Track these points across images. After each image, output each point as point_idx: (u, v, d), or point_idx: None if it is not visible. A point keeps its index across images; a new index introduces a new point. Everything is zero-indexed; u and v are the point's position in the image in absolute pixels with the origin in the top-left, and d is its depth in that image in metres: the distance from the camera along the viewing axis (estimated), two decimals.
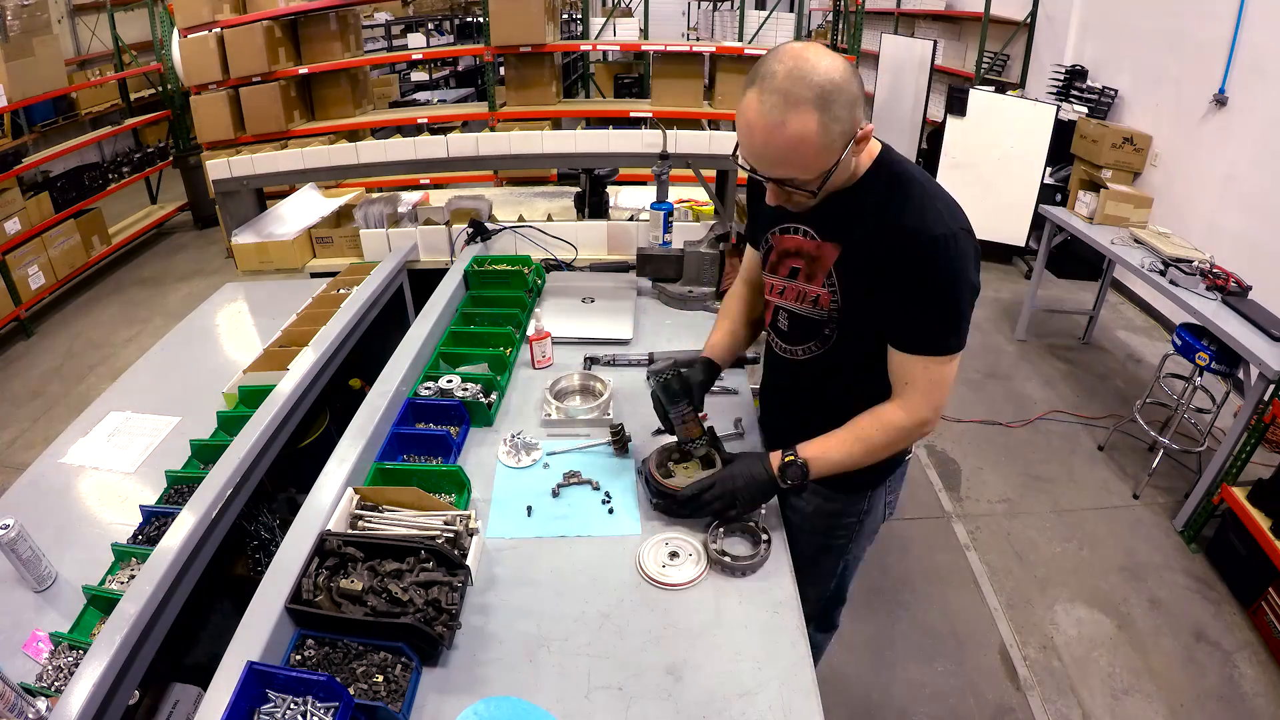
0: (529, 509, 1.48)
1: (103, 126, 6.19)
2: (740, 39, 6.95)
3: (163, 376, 2.17)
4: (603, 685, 1.12)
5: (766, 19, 6.72)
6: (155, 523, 1.52)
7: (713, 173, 2.79)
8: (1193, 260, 3.15)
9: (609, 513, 1.46)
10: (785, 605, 1.25)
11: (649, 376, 1.46)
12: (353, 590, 1.16)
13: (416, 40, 7.19)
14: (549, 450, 1.64)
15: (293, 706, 1.03)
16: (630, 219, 2.84)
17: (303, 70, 5.20)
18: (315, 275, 2.79)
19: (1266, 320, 2.70)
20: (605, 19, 6.23)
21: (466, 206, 2.90)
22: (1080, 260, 4.95)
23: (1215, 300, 2.92)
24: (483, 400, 1.76)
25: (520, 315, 2.13)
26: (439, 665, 1.16)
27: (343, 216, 3.05)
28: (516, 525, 1.44)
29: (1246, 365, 2.71)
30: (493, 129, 5.21)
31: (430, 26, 8.09)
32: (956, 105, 5.06)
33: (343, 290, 2.42)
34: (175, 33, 5.13)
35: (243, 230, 2.88)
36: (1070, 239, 4.00)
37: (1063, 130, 4.91)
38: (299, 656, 1.13)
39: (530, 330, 1.93)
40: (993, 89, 5.56)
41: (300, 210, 3.07)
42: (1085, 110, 5.10)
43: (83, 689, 1.04)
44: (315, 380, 1.96)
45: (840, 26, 7.10)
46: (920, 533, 2.93)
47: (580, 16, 6.29)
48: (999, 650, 2.43)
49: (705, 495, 1.35)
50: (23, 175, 4.86)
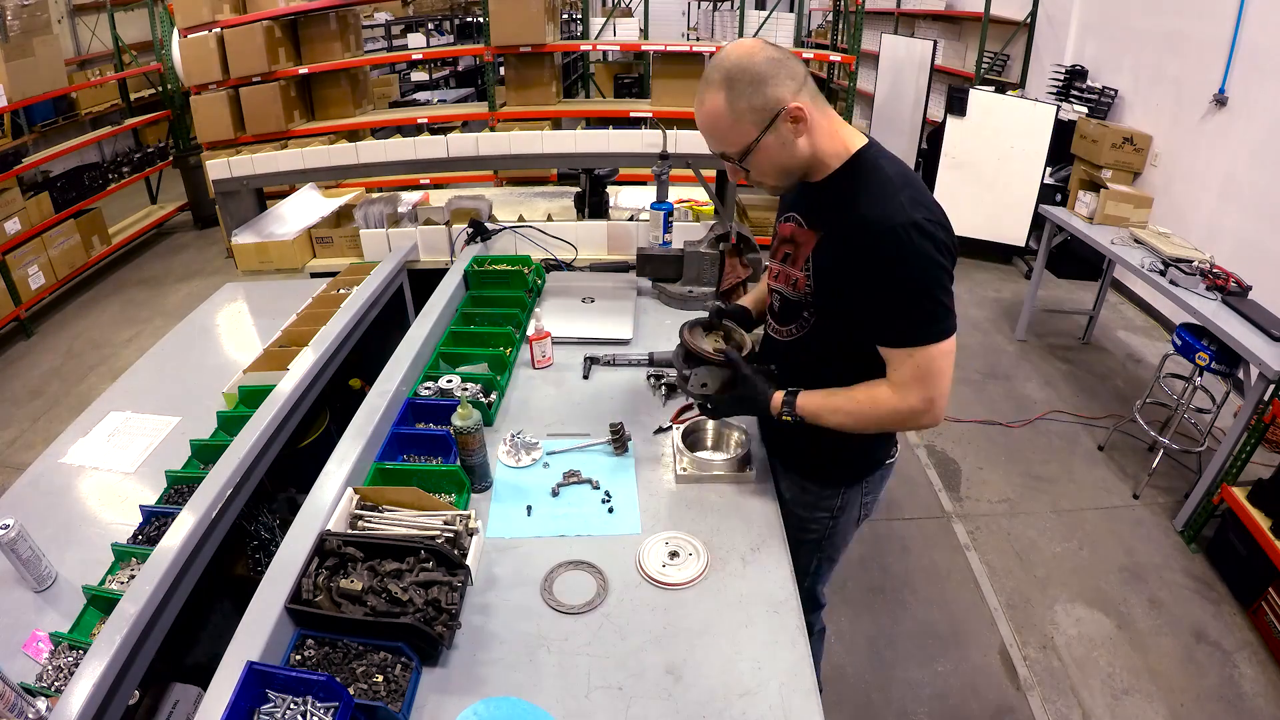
0: (529, 509, 1.48)
1: (103, 126, 6.19)
2: (740, 38, 6.94)
3: (163, 376, 2.17)
4: (603, 685, 1.12)
5: (766, 19, 6.72)
6: (155, 523, 1.52)
7: (713, 173, 2.79)
8: (1193, 260, 3.15)
9: (609, 512, 1.46)
10: (785, 605, 1.25)
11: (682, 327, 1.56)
12: (353, 590, 1.16)
13: (416, 40, 7.19)
14: (549, 450, 1.64)
15: (293, 706, 1.03)
16: (630, 219, 2.84)
17: (303, 70, 5.20)
18: (315, 275, 2.79)
19: (1266, 320, 2.70)
20: (605, 19, 6.23)
21: (466, 206, 2.90)
22: (1080, 260, 4.95)
23: (1215, 300, 2.92)
24: (483, 400, 1.76)
25: (520, 315, 2.13)
26: (439, 665, 1.16)
27: (343, 216, 3.05)
28: (516, 525, 1.44)
29: (1246, 365, 2.71)
30: (493, 129, 5.21)
31: (430, 26, 8.09)
32: (956, 105, 5.06)
33: (343, 290, 2.42)
34: (175, 33, 5.13)
35: (243, 230, 2.88)
36: (1070, 239, 4.00)
37: (1063, 130, 4.91)
38: (299, 656, 1.13)
39: (530, 330, 1.93)
40: (993, 89, 5.55)
41: (300, 210, 3.07)
42: (1085, 110, 5.10)
43: (83, 689, 1.04)
44: (315, 380, 1.96)
45: (840, 26, 7.11)
46: (920, 533, 2.93)
47: (580, 16, 6.29)
48: (999, 650, 2.43)
49: (730, 377, 1.46)
50: (23, 175, 4.86)
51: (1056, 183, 5.21)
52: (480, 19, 5.46)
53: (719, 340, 1.56)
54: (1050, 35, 5.86)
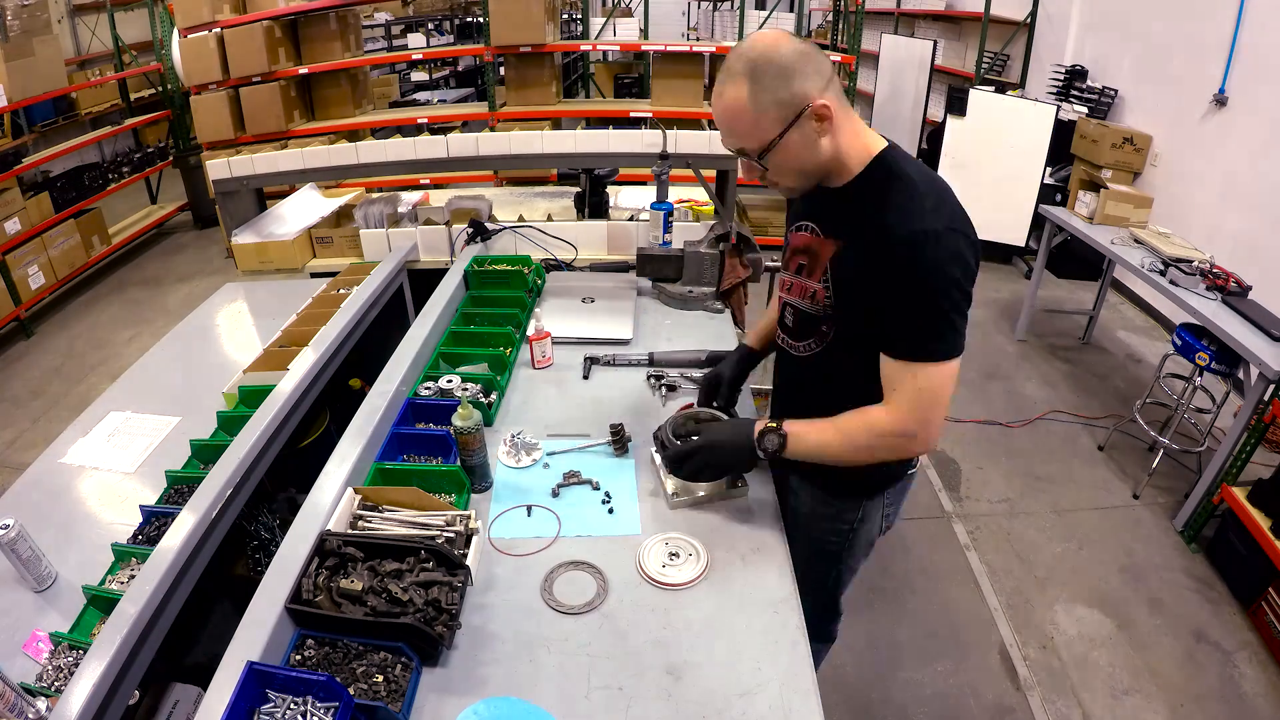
0: (529, 509, 1.48)
1: (103, 126, 6.19)
2: (740, 39, 6.94)
3: (163, 376, 2.17)
4: (603, 685, 1.12)
5: (766, 19, 6.73)
6: (155, 523, 1.52)
7: (713, 173, 2.79)
8: (1193, 260, 3.15)
9: (609, 513, 1.46)
10: (785, 605, 1.25)
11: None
12: (353, 590, 1.16)
13: (416, 40, 7.19)
14: (549, 450, 1.64)
15: (293, 706, 1.02)
16: (630, 219, 2.84)
17: (303, 70, 5.20)
18: (315, 275, 2.79)
19: (1266, 320, 2.70)
20: (605, 19, 6.23)
21: (466, 206, 2.90)
22: (1080, 260, 4.95)
23: (1215, 300, 2.92)
24: (483, 400, 1.76)
25: (520, 315, 2.13)
26: (439, 665, 1.16)
27: (343, 216, 3.05)
28: (516, 525, 1.44)
29: (1246, 365, 2.71)
30: (493, 129, 5.21)
31: (430, 26, 8.09)
32: (956, 105, 5.05)
33: (343, 290, 2.42)
34: (175, 33, 5.13)
35: (243, 230, 2.88)
36: (1070, 239, 4.00)
37: (1063, 130, 4.91)
38: (299, 656, 1.13)
39: (530, 330, 1.93)
40: (993, 89, 5.56)
41: (300, 210, 3.07)
42: (1085, 110, 5.10)
43: (83, 689, 1.04)
44: (315, 380, 1.96)
45: (840, 26, 7.11)
46: (920, 533, 2.93)
47: (580, 16, 6.29)
48: (999, 650, 2.43)
49: (690, 453, 1.39)
50: (23, 175, 4.86)
51: (1056, 183, 5.21)
52: (480, 19, 5.46)
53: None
54: (1050, 35, 5.86)
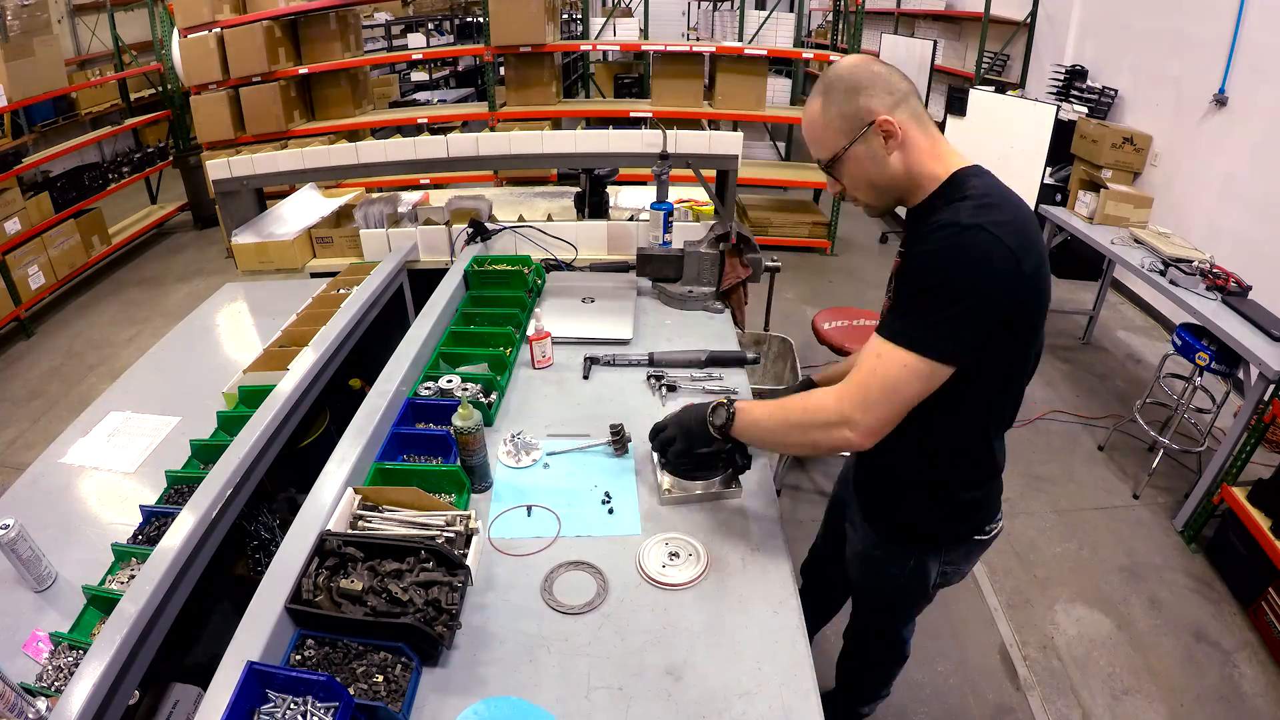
0: (529, 509, 1.48)
1: (103, 126, 6.19)
2: (740, 39, 6.95)
3: (163, 376, 2.17)
4: (603, 685, 1.12)
5: (766, 19, 6.72)
6: (155, 523, 1.52)
7: (713, 173, 2.79)
8: (1193, 260, 3.15)
9: (609, 513, 1.46)
10: (785, 605, 1.25)
11: None
12: (353, 590, 1.16)
13: (416, 40, 7.20)
14: (549, 450, 1.64)
15: (293, 706, 1.03)
16: (630, 219, 2.84)
17: (303, 70, 5.20)
18: (315, 275, 2.79)
19: (1266, 320, 2.70)
20: (605, 19, 6.24)
21: (466, 206, 2.90)
22: (1080, 260, 4.95)
23: (1215, 300, 2.92)
24: (483, 400, 1.76)
25: (520, 315, 2.13)
26: (439, 665, 1.16)
27: (343, 216, 3.05)
28: (516, 525, 1.44)
29: (1246, 365, 2.71)
30: (493, 129, 5.21)
31: (430, 26, 8.10)
32: (956, 105, 5.05)
33: (343, 290, 2.42)
34: (175, 33, 5.13)
35: (243, 230, 2.88)
36: (1070, 239, 4.01)
37: (1063, 130, 4.89)
38: (299, 656, 1.13)
39: (530, 330, 1.93)
40: (993, 89, 5.55)
41: (300, 210, 3.07)
42: (1085, 110, 5.10)
43: (83, 689, 1.04)
44: (315, 380, 1.96)
45: (840, 26, 7.11)
46: None
47: (580, 16, 6.29)
48: (999, 650, 2.43)
49: (661, 426, 1.48)
50: (23, 175, 4.86)
51: (1056, 183, 5.20)
52: (480, 19, 5.46)
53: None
54: (1050, 35, 5.86)
